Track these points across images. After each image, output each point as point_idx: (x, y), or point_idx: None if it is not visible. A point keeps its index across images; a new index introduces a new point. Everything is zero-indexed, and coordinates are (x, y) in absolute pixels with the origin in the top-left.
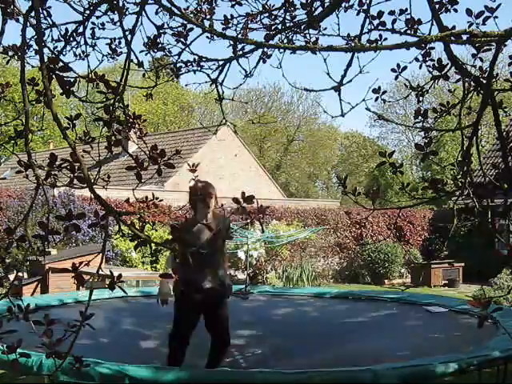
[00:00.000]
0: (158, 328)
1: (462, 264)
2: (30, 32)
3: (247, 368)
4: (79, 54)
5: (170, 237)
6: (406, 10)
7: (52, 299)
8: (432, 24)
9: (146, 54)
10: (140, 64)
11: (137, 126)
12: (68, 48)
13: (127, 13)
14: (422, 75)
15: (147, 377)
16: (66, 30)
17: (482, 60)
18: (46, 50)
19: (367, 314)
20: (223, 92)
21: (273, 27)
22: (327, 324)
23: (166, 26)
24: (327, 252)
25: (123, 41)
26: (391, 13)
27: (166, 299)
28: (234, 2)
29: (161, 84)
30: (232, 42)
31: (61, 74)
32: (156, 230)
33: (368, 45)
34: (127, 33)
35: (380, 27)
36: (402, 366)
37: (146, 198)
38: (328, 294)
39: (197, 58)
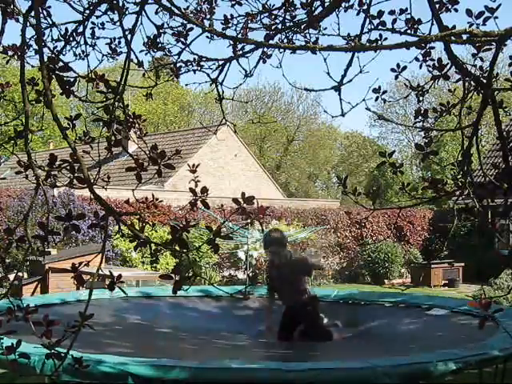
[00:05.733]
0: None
1: (462, 264)
2: (30, 32)
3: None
4: (79, 54)
5: (170, 237)
6: (406, 9)
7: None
8: (432, 24)
9: (146, 54)
10: (140, 64)
11: (137, 125)
12: (68, 48)
13: (127, 12)
14: (421, 75)
15: (150, 375)
16: (66, 29)
17: (482, 60)
18: (45, 50)
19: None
20: (223, 92)
21: (273, 27)
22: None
23: (165, 25)
24: (327, 252)
25: (123, 40)
26: (391, 12)
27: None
28: (233, 2)
29: (161, 84)
30: (232, 42)
31: (61, 73)
32: (156, 231)
33: (368, 45)
34: (127, 32)
35: (380, 27)
36: (403, 364)
37: (146, 198)
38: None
39: (197, 57)
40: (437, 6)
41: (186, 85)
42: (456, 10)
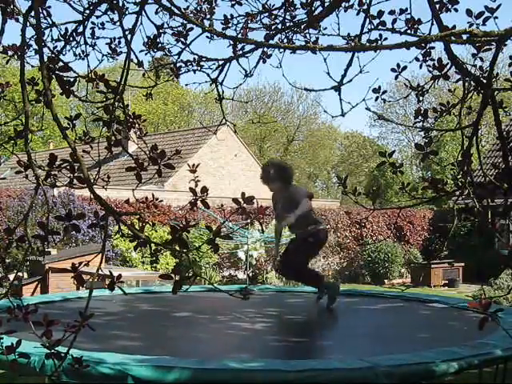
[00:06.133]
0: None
1: (462, 264)
2: (30, 32)
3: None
4: (79, 54)
5: (170, 237)
6: (406, 9)
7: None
8: (432, 24)
9: (146, 54)
10: (140, 64)
11: (137, 125)
12: (68, 48)
13: (127, 12)
14: (421, 75)
15: (151, 376)
16: (66, 29)
17: (482, 60)
18: (45, 50)
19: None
20: (223, 92)
21: (273, 27)
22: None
23: (165, 25)
24: (327, 252)
25: (123, 40)
26: (391, 12)
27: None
28: (233, 2)
29: (161, 84)
30: (232, 42)
31: (61, 73)
32: (156, 231)
33: (368, 45)
34: (127, 32)
35: (380, 27)
36: (404, 365)
37: (146, 198)
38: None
39: (197, 57)
40: (437, 6)
41: (186, 85)
42: (456, 10)
